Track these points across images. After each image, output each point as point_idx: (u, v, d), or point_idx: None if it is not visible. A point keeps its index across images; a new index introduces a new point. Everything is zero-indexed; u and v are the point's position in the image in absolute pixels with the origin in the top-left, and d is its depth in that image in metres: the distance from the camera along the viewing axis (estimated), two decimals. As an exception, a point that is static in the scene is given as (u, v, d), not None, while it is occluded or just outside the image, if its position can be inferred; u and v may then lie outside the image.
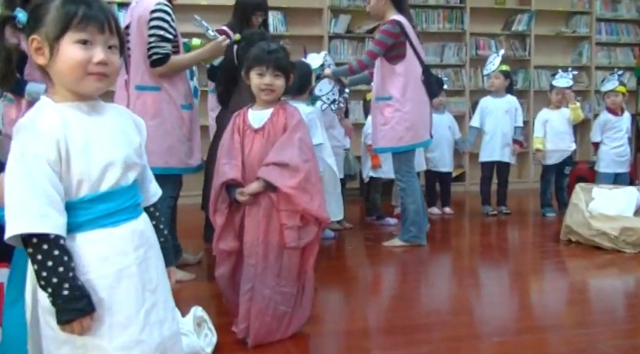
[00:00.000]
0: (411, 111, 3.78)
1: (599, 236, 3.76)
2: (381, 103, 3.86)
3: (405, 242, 3.89)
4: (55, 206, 1.19)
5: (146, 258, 1.32)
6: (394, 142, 3.82)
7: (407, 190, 3.87)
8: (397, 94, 3.77)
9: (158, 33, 2.90)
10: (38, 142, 1.19)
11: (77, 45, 1.23)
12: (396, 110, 3.77)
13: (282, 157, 2.16)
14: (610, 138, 4.93)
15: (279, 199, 2.18)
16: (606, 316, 2.68)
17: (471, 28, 6.65)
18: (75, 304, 1.19)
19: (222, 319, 2.41)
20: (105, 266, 1.24)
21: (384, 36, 3.74)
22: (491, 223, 4.92)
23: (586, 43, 7.04)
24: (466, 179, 6.59)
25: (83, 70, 1.23)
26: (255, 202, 2.20)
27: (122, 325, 1.25)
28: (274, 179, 2.15)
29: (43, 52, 1.24)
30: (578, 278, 3.44)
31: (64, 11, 1.22)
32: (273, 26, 6.23)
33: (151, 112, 2.91)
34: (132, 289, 1.27)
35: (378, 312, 2.83)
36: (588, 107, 6.88)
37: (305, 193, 2.16)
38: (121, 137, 1.31)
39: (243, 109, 2.33)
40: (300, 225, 2.18)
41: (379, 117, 3.88)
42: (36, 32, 1.23)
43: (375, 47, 3.80)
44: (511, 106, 5.13)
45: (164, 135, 2.93)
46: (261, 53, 2.25)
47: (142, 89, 2.94)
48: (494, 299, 3.02)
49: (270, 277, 2.18)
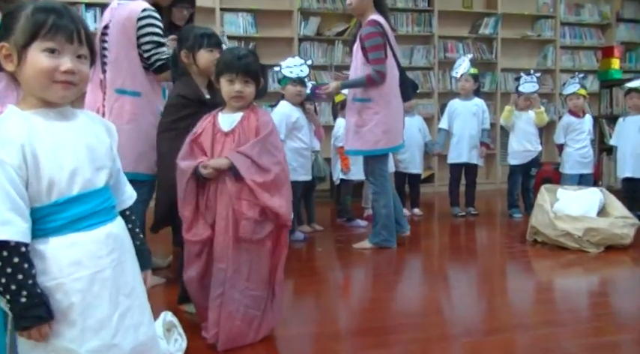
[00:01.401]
0: (390, 114, 3.76)
1: (564, 237, 3.84)
2: (358, 104, 3.81)
3: (375, 245, 3.89)
4: (18, 212, 1.19)
5: (121, 262, 1.33)
6: (370, 146, 3.77)
7: (380, 194, 3.85)
8: (377, 97, 3.73)
9: (153, 39, 2.91)
10: (2, 148, 1.19)
11: (44, 53, 1.24)
12: (375, 113, 3.73)
13: (254, 153, 2.15)
14: (573, 140, 5.05)
15: (242, 188, 2.15)
16: (572, 315, 2.74)
17: (439, 31, 6.73)
18: (33, 312, 1.20)
19: (192, 323, 2.38)
20: (78, 270, 1.25)
21: (374, 38, 3.68)
22: (460, 224, 4.99)
23: (551, 47, 7.20)
24: (435, 181, 6.67)
25: (49, 79, 1.24)
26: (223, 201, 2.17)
27: (94, 329, 1.26)
28: (241, 167, 2.12)
29: (12, 59, 1.25)
30: (544, 278, 3.51)
31: (33, 20, 1.24)
32: (243, 28, 6.22)
33: (127, 117, 2.91)
34: (105, 292, 1.28)
35: (348, 314, 2.83)
36: (553, 109, 7.04)
37: (266, 191, 2.15)
38: (90, 140, 1.32)
39: (213, 112, 2.31)
40: (257, 218, 2.15)
41: (355, 118, 3.81)
42: (6, 39, 1.25)
43: (377, 54, 3.69)
44: (478, 109, 5.21)
45: (137, 141, 2.91)
46: (231, 59, 2.22)
47: (121, 93, 2.93)
48: (463, 300, 3.06)
49: (240, 280, 2.17)
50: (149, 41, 2.90)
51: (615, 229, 3.81)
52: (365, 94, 3.77)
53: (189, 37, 2.66)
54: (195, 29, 2.73)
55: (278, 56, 5.45)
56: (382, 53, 3.70)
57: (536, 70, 5.56)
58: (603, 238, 3.79)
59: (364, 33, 3.72)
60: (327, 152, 5.09)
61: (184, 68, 2.68)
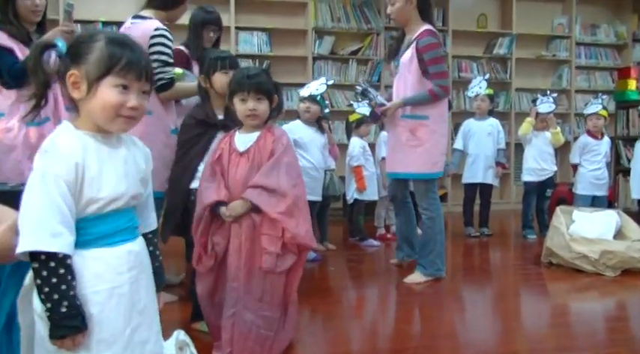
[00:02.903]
0: (444, 134, 3.53)
1: (580, 259, 3.79)
2: (411, 121, 3.47)
3: (429, 276, 3.56)
4: (67, 225, 1.24)
5: (138, 279, 1.37)
6: (428, 168, 3.46)
7: (435, 220, 3.52)
8: (435, 115, 3.45)
9: (161, 58, 2.93)
10: (59, 163, 1.25)
11: (116, 89, 1.29)
12: (432, 132, 3.44)
13: (270, 181, 2.14)
14: (589, 161, 5.01)
15: (262, 223, 2.16)
16: (587, 339, 2.70)
17: (454, 50, 6.75)
18: (70, 322, 1.24)
19: (204, 341, 2.38)
20: (99, 283, 1.29)
21: (435, 50, 3.39)
22: (474, 244, 4.95)
23: (566, 67, 7.18)
24: (448, 200, 6.64)
25: (115, 113, 1.30)
26: (238, 225, 2.19)
27: (108, 342, 1.30)
28: (261, 203, 2.13)
29: (79, 87, 1.29)
30: (559, 301, 3.46)
31: (108, 54, 1.28)
32: (257, 47, 6.27)
33: (138, 135, 2.87)
34: (121, 307, 1.32)
35: (361, 335, 2.81)
36: (568, 130, 7.00)
37: (292, 217, 2.15)
38: (131, 169, 1.37)
39: (230, 132, 2.33)
40: (279, 253, 2.16)
41: (408, 137, 3.46)
42: (76, 67, 1.29)
43: (439, 67, 3.40)
44: (493, 129, 5.20)
45: None
46: (241, 78, 2.24)
47: None
48: (477, 323, 3.02)
49: (253, 301, 2.17)
50: (156, 59, 2.92)
51: (632, 253, 3.76)
52: (420, 111, 3.44)
53: (205, 61, 2.70)
54: (210, 52, 2.76)
55: (292, 75, 5.51)
56: (444, 66, 3.46)
57: (551, 90, 5.55)
58: (620, 261, 3.74)
59: (422, 44, 3.37)
60: (341, 171, 5.09)
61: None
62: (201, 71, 2.71)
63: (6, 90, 2.84)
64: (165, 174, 2.98)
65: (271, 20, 6.30)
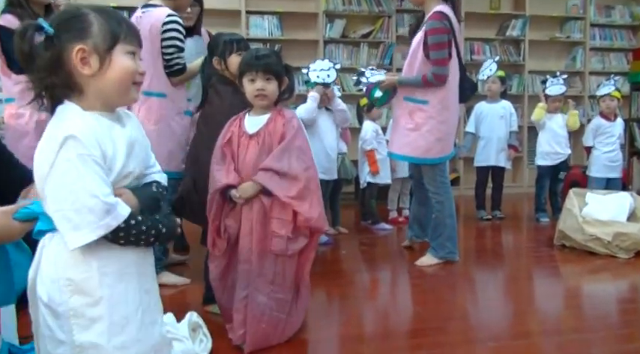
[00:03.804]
0: (446, 121, 3.43)
1: (593, 241, 3.78)
2: (411, 104, 3.45)
3: (440, 259, 3.56)
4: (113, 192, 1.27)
5: (144, 259, 1.38)
6: (420, 153, 3.45)
7: (444, 203, 3.52)
8: (435, 101, 3.39)
9: (176, 44, 3.00)
10: (89, 146, 1.23)
11: (128, 56, 1.30)
12: (429, 117, 3.39)
13: (281, 164, 2.15)
14: (602, 143, 4.96)
15: (272, 206, 2.18)
16: (600, 321, 2.69)
17: (466, 33, 6.66)
18: (169, 222, 1.39)
19: (217, 324, 2.41)
20: (107, 265, 1.29)
21: (439, 35, 3.31)
22: (486, 227, 4.94)
23: (580, 49, 7.09)
24: (460, 184, 6.61)
25: (132, 80, 1.31)
26: (249, 207, 2.20)
27: (120, 325, 1.29)
28: (273, 187, 2.14)
29: (89, 62, 1.27)
30: (572, 283, 3.45)
31: (109, 24, 1.28)
32: (268, 31, 6.25)
33: (155, 117, 3.02)
34: (131, 288, 1.32)
35: (373, 317, 2.83)
36: (582, 112, 6.91)
37: (304, 201, 2.16)
38: (138, 148, 1.37)
39: (240, 115, 2.34)
40: (290, 236, 2.17)
41: (406, 120, 3.46)
42: (80, 43, 1.26)
43: (439, 53, 3.32)
44: (506, 111, 5.16)
45: (165, 140, 3.01)
46: (250, 59, 2.25)
47: (148, 95, 3.00)
48: (489, 304, 3.03)
49: (264, 283, 2.19)
50: (172, 45, 3.00)
51: (646, 235, 3.74)
52: (420, 95, 3.41)
53: (219, 44, 2.69)
54: (224, 36, 2.76)
55: (303, 58, 5.48)
56: (446, 53, 3.34)
57: (564, 72, 5.48)
58: (633, 243, 3.72)
59: (428, 27, 3.33)
60: (353, 154, 5.08)
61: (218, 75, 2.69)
62: (214, 54, 2.70)
63: (15, 75, 2.87)
64: (180, 155, 3.05)
65: (282, 4, 6.27)
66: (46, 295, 1.26)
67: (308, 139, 3.98)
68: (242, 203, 2.21)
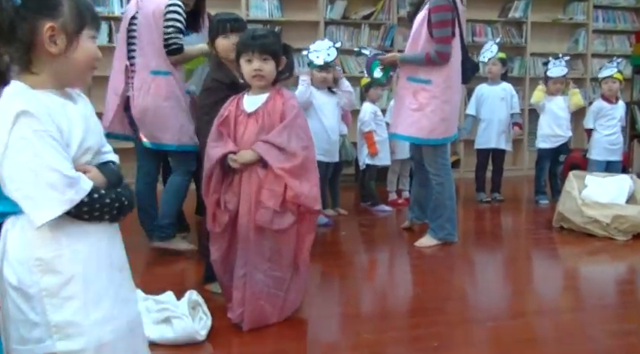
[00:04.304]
0: (449, 101, 3.40)
1: (592, 224, 3.79)
2: (415, 84, 3.42)
3: (439, 240, 3.56)
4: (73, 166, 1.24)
5: (114, 236, 1.36)
6: (425, 134, 3.41)
7: (445, 185, 3.51)
8: (439, 80, 3.36)
9: (176, 25, 3.16)
10: (43, 121, 1.20)
11: (91, 40, 1.30)
12: (433, 97, 3.37)
13: (281, 140, 2.16)
14: (603, 126, 4.95)
15: (266, 177, 2.18)
16: (597, 301, 2.72)
17: (468, 14, 6.53)
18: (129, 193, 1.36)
19: (217, 303, 2.43)
20: (77, 242, 1.26)
21: (443, 13, 3.29)
22: (485, 209, 4.95)
23: (582, 31, 7.03)
24: (461, 166, 6.62)
25: (93, 64, 1.32)
26: (248, 182, 2.21)
27: (95, 301, 1.27)
28: (269, 157, 2.15)
29: (56, 41, 1.24)
30: (570, 265, 3.48)
31: (80, 6, 1.27)
32: (269, 12, 6.21)
33: (165, 93, 3.20)
34: (103, 265, 1.30)
35: (371, 297, 2.86)
36: (584, 94, 6.87)
37: (297, 177, 2.17)
38: (93, 124, 1.35)
39: (239, 95, 2.34)
40: (277, 210, 2.17)
41: (410, 100, 3.43)
42: (52, 21, 1.23)
43: (443, 31, 3.30)
44: (507, 94, 5.14)
45: (177, 115, 3.21)
46: (246, 39, 2.26)
47: (157, 73, 3.19)
48: (487, 285, 3.06)
49: (262, 261, 2.20)
50: (172, 26, 3.16)
51: (644, 217, 3.75)
52: (424, 74, 3.38)
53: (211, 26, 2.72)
54: (217, 16, 2.77)
55: (304, 40, 5.44)
56: (449, 31, 3.32)
57: (566, 54, 5.45)
58: (632, 225, 3.73)
59: (432, 5, 3.31)
60: (353, 136, 5.08)
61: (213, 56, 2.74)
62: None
63: None
64: (191, 129, 3.21)
65: (282, -16, 6.22)
66: (15, 279, 1.23)
67: (309, 119, 4.03)
68: (238, 170, 2.20)
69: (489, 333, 2.33)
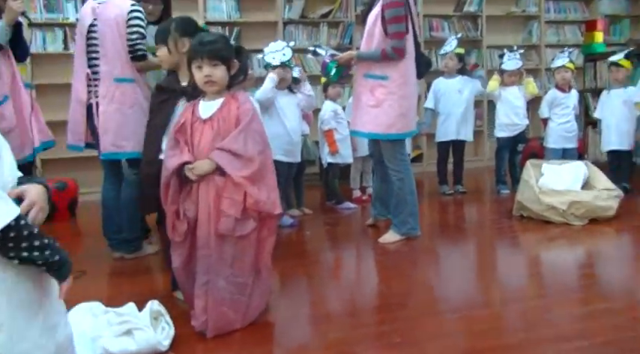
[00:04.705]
0: (407, 96, 3.44)
1: (549, 211, 3.88)
2: (371, 81, 3.46)
3: (403, 235, 3.60)
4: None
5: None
6: (383, 129, 3.45)
7: (405, 180, 3.54)
8: (395, 75, 3.39)
9: (140, 31, 3.20)
10: None
11: None
12: (390, 93, 3.40)
13: (237, 146, 2.15)
14: (557, 114, 5.07)
15: (225, 186, 2.18)
16: (558, 287, 2.79)
17: (425, 9, 6.69)
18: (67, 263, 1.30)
19: (180, 310, 2.41)
20: (5, 268, 1.21)
21: (396, 9, 3.33)
22: (448, 202, 5.03)
23: (535, 22, 7.18)
24: (424, 160, 6.69)
25: None
26: (206, 193, 2.20)
27: (22, 330, 1.23)
28: (226, 165, 2.15)
29: None
30: (531, 252, 3.56)
31: None
32: (226, 13, 6.17)
33: (130, 101, 3.22)
34: (31, 291, 1.26)
35: (337, 295, 2.87)
36: (539, 85, 7.01)
37: (255, 183, 2.17)
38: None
39: (194, 101, 2.33)
40: (238, 217, 2.17)
41: (367, 97, 3.47)
42: None
43: (397, 26, 3.33)
44: (463, 85, 5.21)
45: (141, 122, 3.15)
46: (195, 45, 2.25)
47: (121, 81, 3.20)
48: (452, 277, 3.10)
49: (224, 267, 2.20)
50: (136, 31, 3.18)
51: (599, 202, 3.86)
52: (381, 71, 3.41)
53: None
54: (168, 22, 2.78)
55: (263, 40, 5.41)
56: (403, 26, 3.35)
57: (521, 46, 5.55)
58: (587, 210, 3.84)
59: (385, 1, 3.35)
60: (315, 135, 5.09)
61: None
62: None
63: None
64: None
65: (239, -15, 6.19)
66: None
67: (270, 120, 4.04)
68: (196, 180, 2.20)
69: (454, 325, 2.37)
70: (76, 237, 4.39)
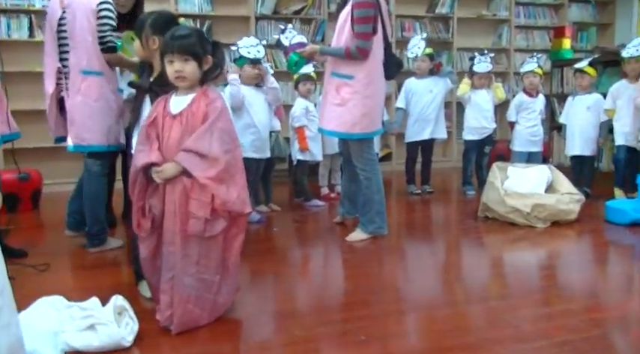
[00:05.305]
0: (372, 96, 3.46)
1: (513, 213, 3.97)
2: (337, 79, 3.49)
3: (370, 234, 3.64)
4: None
5: None
6: (346, 128, 3.48)
7: (372, 179, 3.58)
8: (360, 75, 3.41)
9: (110, 23, 3.21)
10: None
11: None
12: (355, 92, 3.42)
13: (202, 146, 2.13)
14: (524, 118, 5.18)
15: (192, 187, 2.16)
16: (520, 287, 2.85)
17: (397, 10, 6.75)
18: None
19: (145, 306, 2.40)
20: None
21: (365, 9, 3.34)
22: (415, 201, 5.08)
23: (505, 26, 7.31)
24: (393, 159, 6.75)
25: None
26: (172, 189, 2.19)
27: None
28: (191, 167, 2.13)
29: None
30: (494, 253, 3.62)
31: None
32: (198, 6, 6.12)
33: (96, 94, 3.22)
34: None
35: (304, 293, 2.88)
36: (507, 88, 7.15)
37: (222, 184, 2.15)
38: None
39: (167, 95, 2.30)
40: (208, 218, 2.16)
41: (333, 95, 3.50)
42: None
43: (364, 27, 3.34)
44: (435, 85, 5.26)
45: (106, 116, 3.25)
46: (167, 39, 2.23)
47: (88, 73, 3.21)
48: (417, 276, 3.14)
49: (190, 265, 2.19)
50: (106, 23, 3.19)
51: (561, 205, 3.96)
52: (346, 70, 3.45)
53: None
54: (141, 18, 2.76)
55: (234, 35, 5.40)
56: (370, 27, 3.36)
57: (490, 49, 5.64)
58: (550, 213, 3.93)
59: (355, 1, 3.36)
60: (287, 132, 5.09)
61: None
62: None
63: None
64: (118, 129, 3.34)
65: (212, -22, 6.14)
66: None
67: (240, 116, 4.02)
68: (164, 184, 2.19)
69: (418, 323, 2.41)
70: (39, 228, 4.31)
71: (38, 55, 3.45)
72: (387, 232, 3.73)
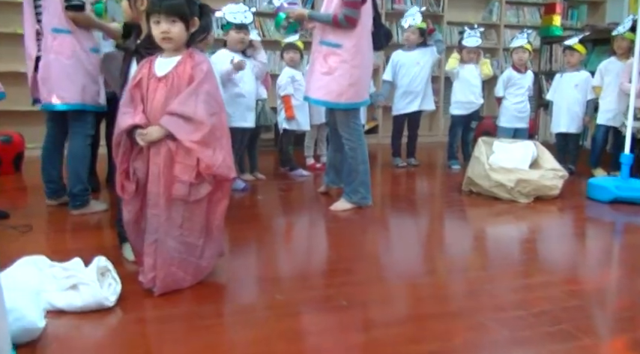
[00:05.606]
0: (359, 65, 3.44)
1: (497, 187, 4.00)
2: (325, 48, 3.47)
3: (354, 204, 3.66)
4: None
5: None
6: (333, 97, 3.47)
7: (357, 150, 3.58)
8: (348, 44, 3.40)
9: None
10: None
11: None
12: (342, 61, 3.42)
13: (187, 109, 2.11)
14: (512, 94, 5.19)
15: (177, 150, 2.14)
16: (501, 260, 2.88)
17: (388, -19, 6.68)
18: None
19: (128, 268, 2.39)
20: None
21: None
22: (401, 174, 5.10)
23: (496, 2, 7.27)
24: (379, 132, 6.75)
25: None
26: (157, 152, 2.17)
27: None
28: (176, 131, 2.11)
29: None
30: (477, 226, 3.65)
31: None
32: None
33: (68, 52, 3.22)
34: None
35: (287, 259, 2.89)
36: (496, 64, 7.16)
37: (207, 147, 2.13)
38: None
39: (152, 57, 2.26)
40: (193, 181, 2.15)
41: (321, 63, 3.49)
42: None
43: None
44: (422, 57, 5.24)
45: (78, 75, 3.24)
46: (154, 0, 2.18)
47: (58, 32, 3.21)
48: (399, 246, 3.17)
49: (174, 228, 2.18)
50: None
51: (545, 181, 4.00)
52: (335, 38, 3.42)
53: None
54: None
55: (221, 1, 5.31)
56: None
57: (481, 24, 5.62)
58: (533, 189, 3.97)
59: None
60: (273, 101, 5.05)
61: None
62: None
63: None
64: (94, 89, 3.32)
65: (200, -58, 6.00)
66: None
67: (226, 84, 3.97)
68: (148, 147, 2.17)
69: (399, 291, 2.43)
70: (22, 191, 4.27)
71: (18, 16, 3.40)
72: (371, 203, 3.74)
